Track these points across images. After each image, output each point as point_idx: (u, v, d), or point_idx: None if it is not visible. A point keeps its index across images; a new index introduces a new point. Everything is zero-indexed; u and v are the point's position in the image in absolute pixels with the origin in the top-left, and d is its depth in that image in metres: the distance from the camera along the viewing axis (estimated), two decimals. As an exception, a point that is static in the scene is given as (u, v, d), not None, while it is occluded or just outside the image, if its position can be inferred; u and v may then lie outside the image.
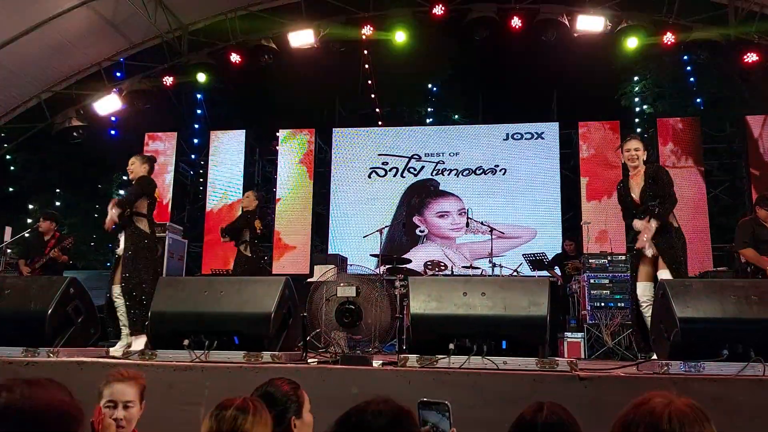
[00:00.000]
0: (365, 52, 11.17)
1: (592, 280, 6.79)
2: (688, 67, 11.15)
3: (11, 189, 13.45)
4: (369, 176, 10.93)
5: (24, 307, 4.07)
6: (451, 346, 3.35)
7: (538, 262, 8.08)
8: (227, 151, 11.10)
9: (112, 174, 14.58)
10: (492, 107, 12.15)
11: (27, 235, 7.53)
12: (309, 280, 7.15)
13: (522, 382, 3.04)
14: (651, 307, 4.39)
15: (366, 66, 11.57)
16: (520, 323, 3.41)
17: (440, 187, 10.71)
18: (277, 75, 10.87)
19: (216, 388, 3.23)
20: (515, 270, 7.74)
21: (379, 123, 12.27)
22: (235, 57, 9.79)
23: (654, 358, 4.18)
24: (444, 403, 1.57)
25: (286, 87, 11.68)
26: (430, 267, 8.11)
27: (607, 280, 6.79)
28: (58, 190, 14.00)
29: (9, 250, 7.83)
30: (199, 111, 12.53)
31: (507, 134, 10.67)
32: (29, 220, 11.74)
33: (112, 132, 11.04)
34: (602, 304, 6.70)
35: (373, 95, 12.07)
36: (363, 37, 9.54)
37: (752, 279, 5.44)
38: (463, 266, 8.48)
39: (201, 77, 9.97)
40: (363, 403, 1.44)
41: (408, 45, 9.62)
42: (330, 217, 10.84)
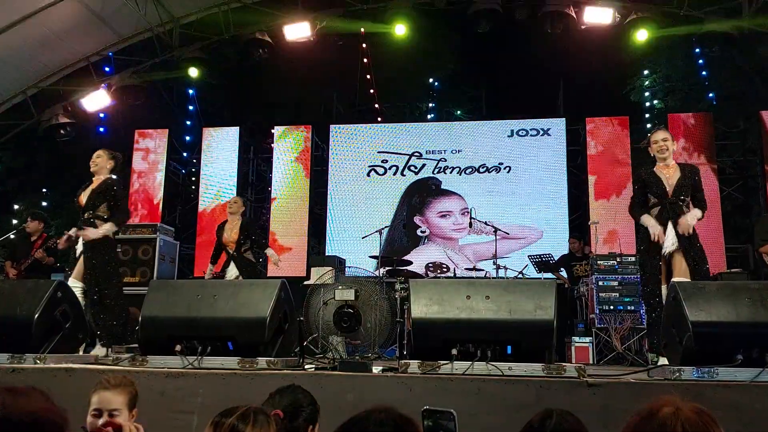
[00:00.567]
0: (364, 45, 11.17)
1: (600, 282, 6.79)
2: (701, 61, 11.13)
3: (-4, 189, 13.44)
4: (368, 174, 10.93)
5: (10, 311, 4.06)
6: (454, 351, 3.35)
7: (544, 263, 8.08)
8: (220, 148, 11.09)
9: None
10: (496, 102, 12.17)
11: (12, 236, 7.53)
12: (306, 282, 7.15)
13: (528, 388, 3.03)
14: None
15: (365, 60, 11.57)
16: (525, 328, 3.41)
17: (442, 186, 10.71)
18: (272, 69, 10.88)
19: (209, 395, 3.23)
20: (520, 272, 7.75)
21: (379, 119, 12.27)
22: (228, 51, 9.78)
23: (664, 361, 4.19)
24: (449, 411, 1.56)
25: (281, 82, 11.69)
26: (431, 269, 8.12)
27: (616, 282, 6.79)
28: (44, 189, 13.99)
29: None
30: (191, 107, 12.52)
31: (511, 130, 10.67)
32: (15, 221, 11.74)
33: (101, 129, 11.04)
34: (611, 307, 6.70)
35: (372, 90, 12.07)
36: (361, 29, 9.54)
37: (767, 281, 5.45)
38: (466, 268, 8.48)
39: (193, 72, 9.97)
40: (363, 412, 1.43)
41: (408, 38, 9.62)
42: (327, 217, 10.83)
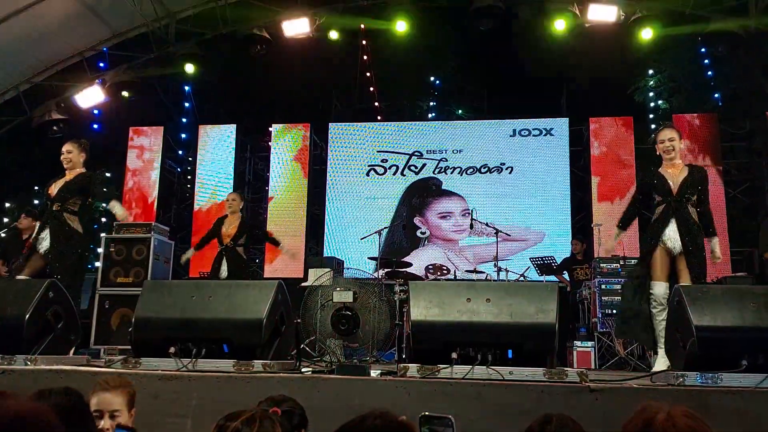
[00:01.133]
0: (364, 42, 11.19)
1: (603, 286, 6.80)
2: (706, 61, 11.15)
3: (-14, 186, 13.42)
4: (367, 174, 10.94)
5: (0, 311, 4.05)
6: (453, 355, 3.35)
7: (546, 266, 8.09)
8: (216, 146, 11.10)
9: (94, 170, 14.56)
10: (498, 101, 12.15)
11: (3, 234, 7.53)
12: (303, 284, 7.16)
13: (529, 393, 3.03)
14: (663, 311, 4.42)
15: (365, 57, 11.59)
16: (527, 331, 3.41)
17: (443, 187, 10.72)
18: (270, 66, 10.86)
19: (204, 398, 3.23)
20: (522, 274, 7.75)
21: (378, 118, 12.27)
22: (225, 47, 9.78)
23: (660, 365, 4.19)
24: (447, 417, 1.56)
25: (279, 79, 11.67)
26: (431, 271, 8.12)
27: (619, 286, 6.79)
28: (36, 187, 13.97)
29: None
30: (186, 104, 12.51)
31: (514, 130, 10.68)
32: (6, 220, 11.73)
33: (95, 126, 11.04)
34: (614, 311, 6.70)
35: (372, 88, 12.08)
36: (362, 26, 9.55)
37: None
38: (467, 270, 8.49)
39: (189, 68, 9.97)
40: (358, 417, 1.43)
41: (409, 35, 9.63)
42: (326, 217, 10.84)
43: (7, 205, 13.37)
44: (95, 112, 10.60)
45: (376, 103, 12.45)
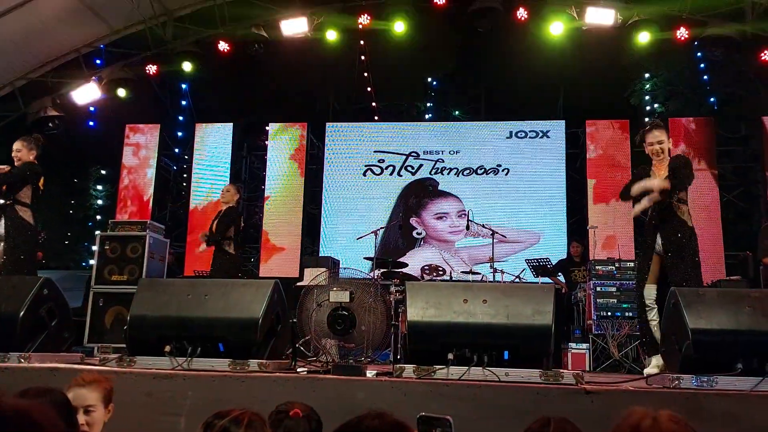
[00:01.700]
0: (362, 42, 11.16)
1: (598, 288, 6.81)
2: (702, 65, 11.18)
3: (-19, 182, 13.34)
4: (364, 174, 10.93)
5: (-6, 308, 4.03)
6: (450, 356, 3.35)
7: (541, 268, 8.10)
8: (213, 145, 11.07)
9: (89, 168, 14.52)
10: (495, 103, 12.16)
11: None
12: (299, 284, 7.13)
13: (525, 395, 3.04)
14: (652, 311, 4.43)
15: (362, 57, 11.56)
16: (523, 333, 3.41)
17: (439, 187, 10.72)
18: (267, 65, 10.83)
19: (199, 397, 3.22)
20: (517, 276, 7.76)
21: (376, 118, 12.26)
22: (223, 45, 9.77)
23: (653, 367, 4.20)
24: (445, 418, 1.56)
25: (276, 78, 11.64)
26: (427, 271, 8.13)
27: (614, 288, 6.81)
28: (31, 184, 13.92)
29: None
30: (183, 102, 12.47)
31: (510, 132, 10.69)
32: None
33: (91, 123, 10.98)
34: (609, 313, 6.72)
35: (369, 88, 12.06)
36: (360, 26, 9.54)
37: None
38: (462, 271, 8.48)
39: (187, 66, 9.95)
40: (355, 418, 1.43)
41: (407, 36, 9.62)
42: (322, 217, 10.83)
43: (1, 201, 13.29)
44: (91, 109, 10.55)
45: (374, 104, 12.43)
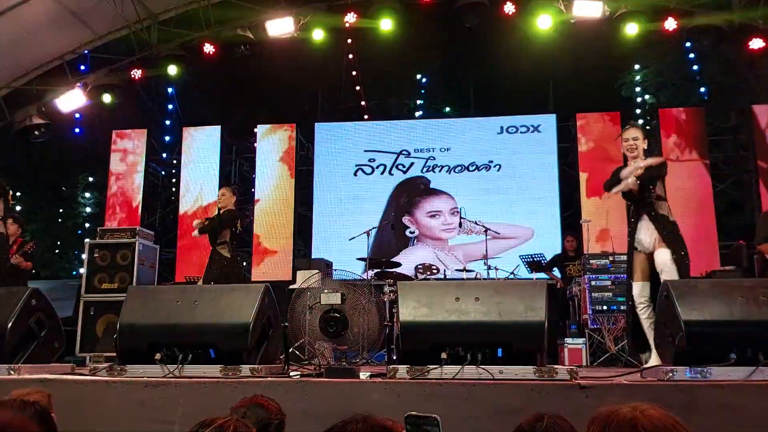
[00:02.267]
0: (349, 40, 11.17)
1: (593, 282, 6.83)
2: (691, 55, 11.25)
3: (-33, 193, 13.27)
4: (355, 174, 10.92)
5: (-19, 320, 4.01)
6: (443, 355, 3.35)
7: (536, 263, 8.12)
8: (201, 148, 11.03)
9: (77, 175, 14.45)
10: (485, 99, 12.19)
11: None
12: (291, 286, 7.13)
13: (519, 392, 3.04)
14: (647, 309, 4.45)
15: (350, 56, 11.57)
16: (516, 330, 3.42)
17: (431, 185, 10.73)
18: (254, 67, 10.83)
19: (191, 404, 3.21)
20: (512, 272, 7.78)
21: (365, 117, 12.26)
22: (208, 48, 9.74)
23: (651, 362, 4.22)
24: (433, 417, 1.56)
25: (264, 79, 11.64)
26: (421, 271, 8.13)
27: (609, 282, 6.83)
28: (18, 193, 13.84)
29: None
30: (170, 106, 12.44)
31: (501, 127, 10.71)
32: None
33: (77, 130, 10.95)
34: (604, 307, 6.74)
35: (358, 87, 12.08)
36: (346, 24, 9.54)
37: (761, 278, 5.50)
38: (457, 269, 8.50)
39: (172, 70, 9.91)
40: (340, 422, 1.43)
41: (395, 33, 9.63)
42: (313, 218, 10.81)
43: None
44: (77, 115, 10.50)
45: (363, 103, 12.44)
